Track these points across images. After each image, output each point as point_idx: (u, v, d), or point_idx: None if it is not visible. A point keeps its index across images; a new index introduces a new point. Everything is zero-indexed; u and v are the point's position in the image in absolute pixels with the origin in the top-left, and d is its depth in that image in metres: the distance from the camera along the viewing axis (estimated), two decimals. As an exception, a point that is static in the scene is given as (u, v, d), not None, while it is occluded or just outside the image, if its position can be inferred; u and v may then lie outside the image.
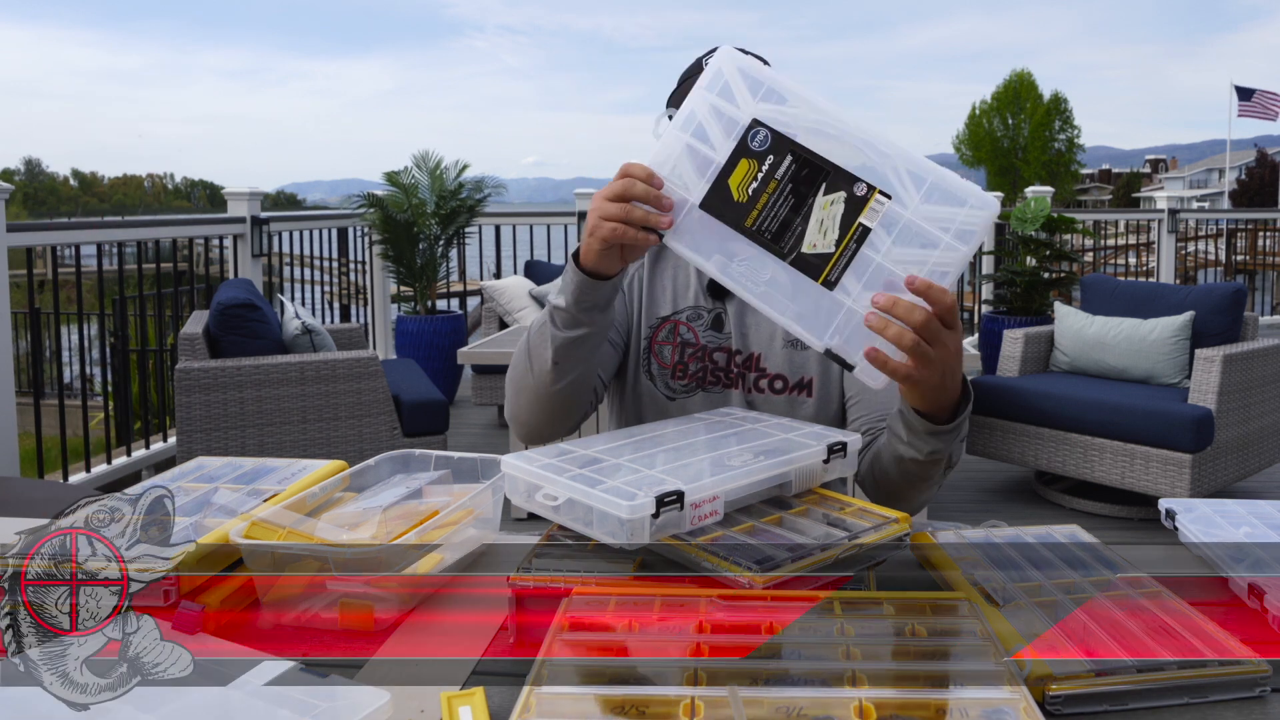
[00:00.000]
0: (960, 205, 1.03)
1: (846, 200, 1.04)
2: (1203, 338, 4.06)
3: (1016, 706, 0.76)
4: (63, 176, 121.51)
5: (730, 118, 1.08)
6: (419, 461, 1.19)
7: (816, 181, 1.05)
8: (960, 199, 1.03)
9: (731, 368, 1.49)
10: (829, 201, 1.05)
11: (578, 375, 1.34)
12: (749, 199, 1.07)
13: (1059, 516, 3.92)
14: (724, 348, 1.49)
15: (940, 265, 1.03)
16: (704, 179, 1.09)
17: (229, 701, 0.78)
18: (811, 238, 1.05)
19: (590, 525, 0.99)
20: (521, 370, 1.36)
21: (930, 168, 1.04)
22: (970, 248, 1.03)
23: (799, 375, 1.47)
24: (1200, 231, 12.40)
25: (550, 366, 1.30)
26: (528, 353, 1.35)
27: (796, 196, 1.06)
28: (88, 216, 55.24)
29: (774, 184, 1.06)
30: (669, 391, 1.49)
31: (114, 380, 4.82)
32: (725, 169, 1.08)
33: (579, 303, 1.25)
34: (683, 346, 1.50)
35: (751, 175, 1.07)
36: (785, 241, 1.06)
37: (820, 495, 1.16)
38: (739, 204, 1.07)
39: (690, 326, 1.51)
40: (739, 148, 1.08)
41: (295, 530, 0.99)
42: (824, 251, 1.05)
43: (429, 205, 6.20)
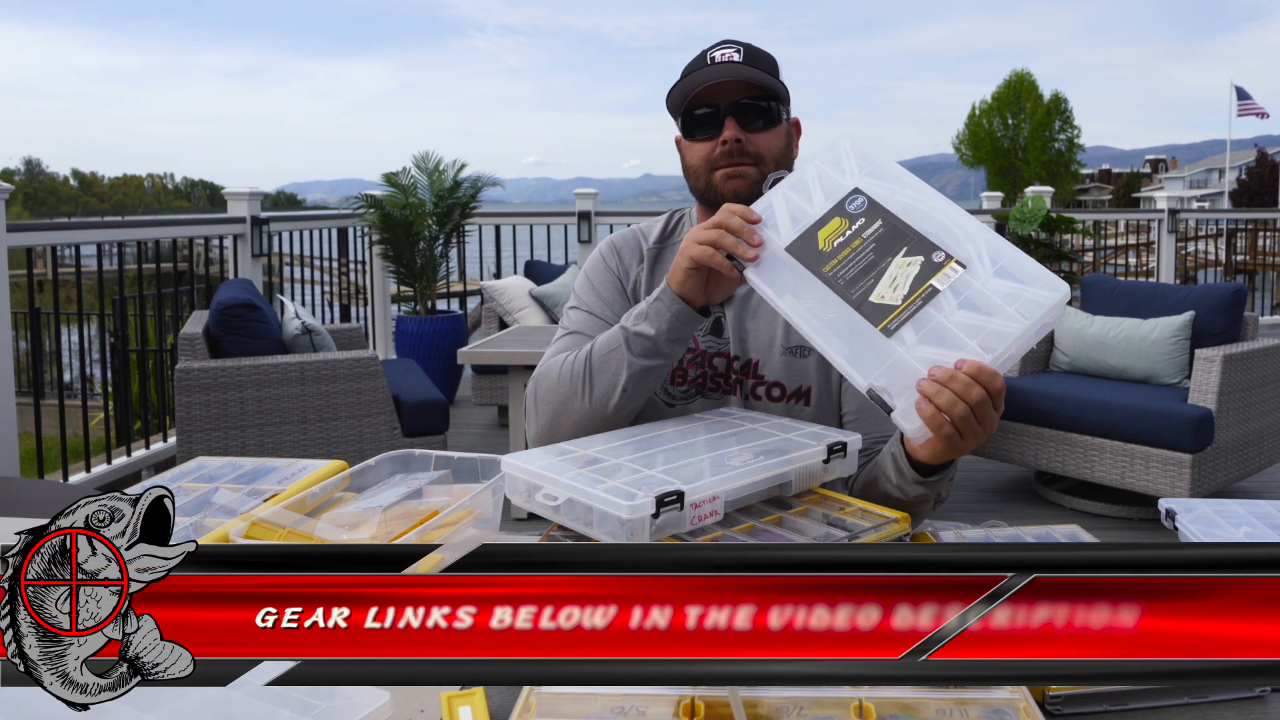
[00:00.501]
0: (1030, 284, 1.06)
1: (923, 264, 1.09)
2: (1203, 338, 4.06)
3: (1016, 706, 0.76)
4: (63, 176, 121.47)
5: (834, 182, 1.18)
6: (419, 461, 1.19)
7: (898, 245, 1.11)
8: (1032, 279, 1.07)
9: (730, 374, 1.47)
10: (906, 263, 1.10)
11: (638, 404, 1.34)
12: (833, 249, 1.13)
13: (1059, 516, 3.92)
14: (723, 353, 1.47)
15: (999, 331, 1.04)
16: (796, 228, 1.16)
17: (229, 701, 0.78)
18: (881, 290, 1.09)
19: (590, 525, 0.99)
20: (566, 393, 1.34)
21: (1007, 249, 1.09)
22: (1033, 323, 1.04)
23: (797, 384, 1.45)
24: (1200, 231, 12.39)
25: (619, 393, 1.30)
26: (585, 376, 1.33)
27: (877, 254, 1.11)
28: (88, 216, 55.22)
29: (859, 240, 1.13)
30: (668, 397, 1.47)
31: (114, 380, 4.82)
32: (818, 223, 1.15)
33: (671, 331, 1.28)
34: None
35: (840, 231, 1.14)
36: (856, 289, 1.10)
37: (820, 495, 1.16)
38: (823, 252, 1.14)
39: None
40: (835, 208, 1.16)
41: (295, 530, 0.99)
42: (890, 304, 1.08)
43: (428, 205, 6.20)
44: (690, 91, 1.42)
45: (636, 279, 1.53)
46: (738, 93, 1.40)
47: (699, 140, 1.44)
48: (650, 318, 1.28)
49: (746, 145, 1.40)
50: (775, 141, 1.42)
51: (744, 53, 1.43)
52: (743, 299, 1.47)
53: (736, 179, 1.41)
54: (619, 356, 1.30)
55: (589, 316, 1.49)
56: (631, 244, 1.56)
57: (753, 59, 1.43)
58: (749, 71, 1.40)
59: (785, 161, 1.44)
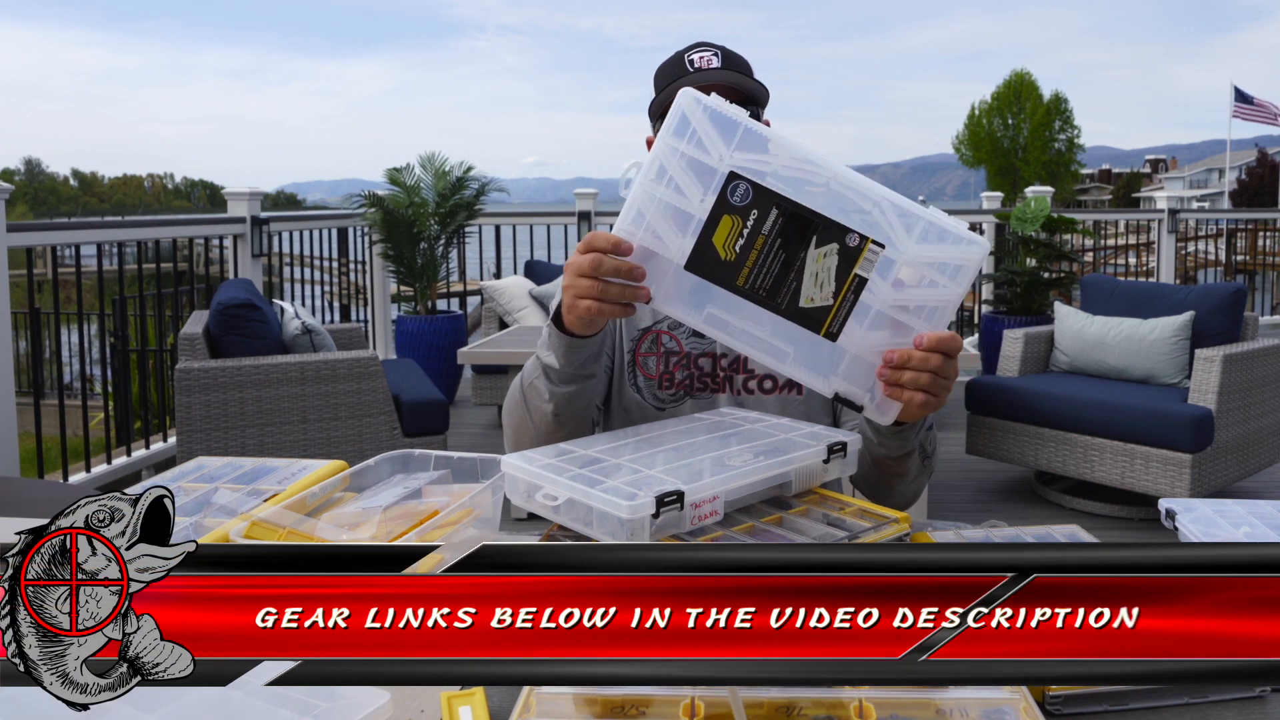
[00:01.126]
0: (953, 244, 1.04)
1: (840, 252, 1.04)
2: (1203, 338, 4.06)
3: (1016, 706, 0.76)
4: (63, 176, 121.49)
5: (706, 168, 1.04)
6: (419, 461, 1.20)
7: (807, 235, 1.03)
8: (952, 238, 1.04)
9: (718, 371, 1.47)
10: (822, 254, 1.04)
11: (581, 419, 1.36)
12: (737, 256, 1.04)
13: (1059, 516, 3.92)
14: (709, 353, 1.48)
15: (939, 304, 1.05)
16: (685, 235, 1.05)
17: (229, 701, 0.78)
18: (808, 291, 1.05)
19: (590, 525, 0.99)
20: (519, 417, 1.37)
21: (918, 211, 1.04)
22: (965, 285, 1.05)
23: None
24: (1200, 231, 12.39)
25: (551, 418, 1.32)
26: (524, 402, 1.35)
27: (787, 251, 1.04)
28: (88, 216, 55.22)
29: (761, 239, 1.04)
30: (657, 402, 1.47)
31: (114, 380, 4.82)
32: (707, 227, 1.05)
33: (570, 361, 1.28)
34: (667, 355, 1.49)
35: (736, 232, 1.04)
36: (781, 298, 1.05)
37: (820, 495, 1.16)
38: (727, 263, 1.05)
39: (673, 335, 1.49)
40: (719, 203, 1.04)
41: (295, 530, 0.99)
42: (822, 305, 1.05)
43: (431, 205, 6.20)
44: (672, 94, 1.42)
45: None
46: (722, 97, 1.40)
47: None
48: (553, 349, 1.28)
49: None
50: None
51: (722, 56, 1.42)
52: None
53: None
54: (541, 384, 1.32)
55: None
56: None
57: (731, 63, 1.42)
58: (733, 76, 1.40)
59: None
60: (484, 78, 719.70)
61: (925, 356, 1.05)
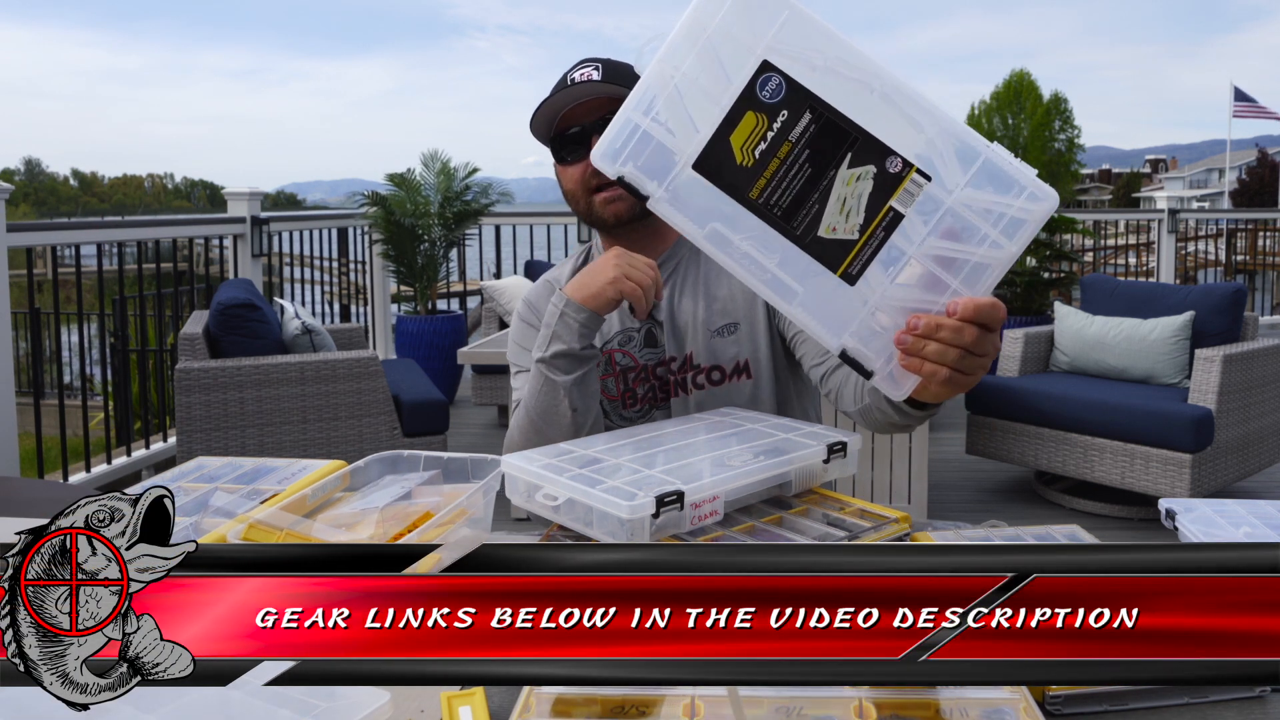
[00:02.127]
0: (1012, 193, 0.87)
1: (876, 177, 0.88)
2: (1203, 338, 4.06)
3: (1016, 706, 0.76)
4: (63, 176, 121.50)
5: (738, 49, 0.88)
6: (408, 462, 1.19)
7: (840, 150, 0.88)
8: (1013, 186, 0.87)
9: (669, 376, 1.46)
10: (854, 176, 0.88)
11: (595, 410, 1.35)
12: (755, 163, 0.89)
13: (1059, 516, 3.92)
14: (663, 360, 1.46)
15: (987, 263, 0.88)
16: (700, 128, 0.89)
17: (229, 701, 0.78)
18: (830, 219, 0.88)
19: (590, 525, 0.99)
20: (534, 440, 1.32)
21: (980, 143, 0.88)
22: (1020, 245, 0.88)
23: (733, 361, 1.44)
24: (1200, 231, 12.39)
25: (571, 415, 1.31)
26: (539, 423, 1.33)
27: (814, 166, 0.88)
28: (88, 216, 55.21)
29: (787, 147, 0.88)
30: (625, 423, 1.46)
31: (114, 380, 4.82)
32: (726, 122, 0.88)
33: (582, 337, 1.30)
34: (624, 374, 1.47)
35: (760, 134, 0.88)
36: (798, 221, 0.89)
37: (820, 495, 1.16)
38: (743, 168, 0.89)
39: (625, 351, 1.48)
40: (744, 96, 0.88)
41: (293, 531, 0.99)
42: (845, 238, 0.88)
43: (434, 204, 6.19)
44: (554, 117, 1.41)
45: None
46: (600, 110, 1.39)
47: (570, 163, 1.43)
48: (561, 336, 1.31)
49: None
50: None
51: (603, 69, 1.41)
52: (667, 303, 1.47)
53: (616, 202, 1.41)
54: (550, 387, 1.31)
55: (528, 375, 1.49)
56: (545, 294, 1.53)
57: (613, 74, 1.40)
58: (608, 89, 1.38)
59: None
60: (484, 78, 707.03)
61: (959, 327, 0.87)
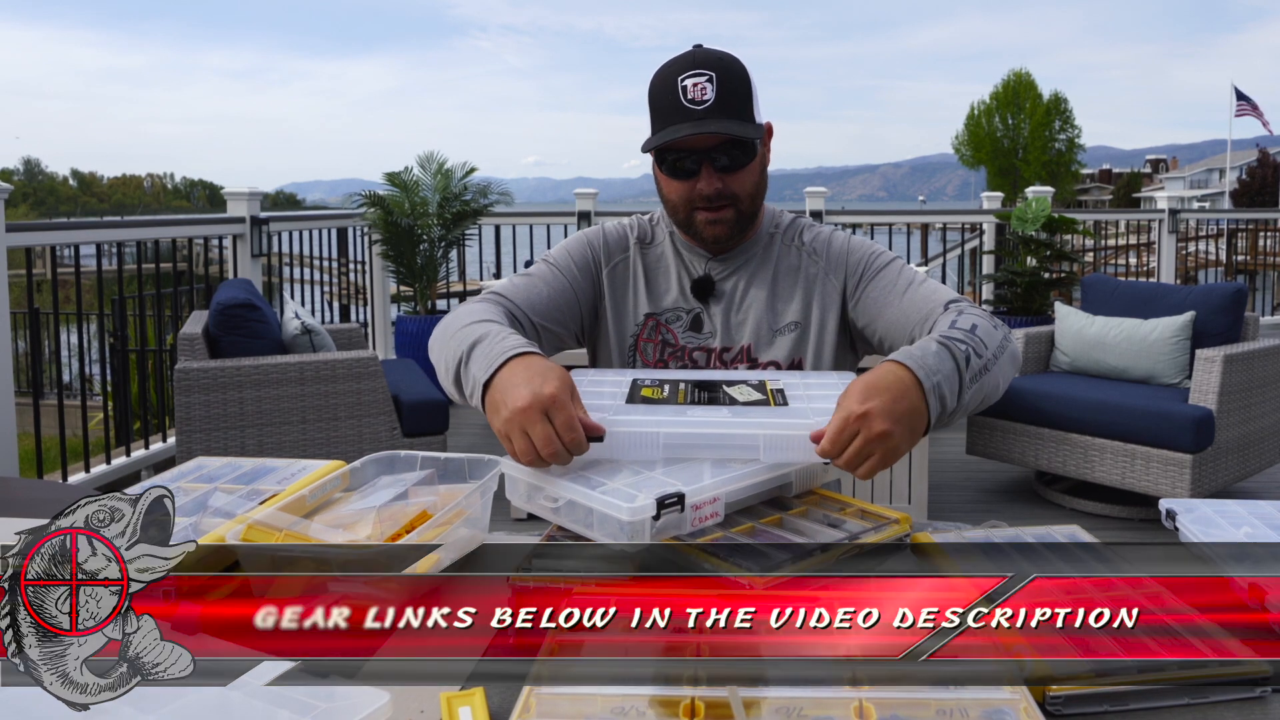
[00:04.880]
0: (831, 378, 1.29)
1: (753, 385, 1.23)
2: (1203, 338, 4.06)
3: (1016, 707, 0.76)
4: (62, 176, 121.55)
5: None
6: (404, 462, 1.19)
7: (715, 380, 1.25)
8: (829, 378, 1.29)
9: (713, 365, 1.49)
10: (738, 382, 1.24)
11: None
12: (665, 396, 1.19)
13: (1059, 517, 3.92)
14: (704, 347, 1.49)
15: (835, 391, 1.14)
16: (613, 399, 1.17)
17: (229, 701, 0.78)
18: (736, 395, 1.19)
19: (591, 527, 0.99)
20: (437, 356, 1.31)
21: (783, 376, 1.32)
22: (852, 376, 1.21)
23: (789, 359, 1.49)
24: (1201, 231, 12.39)
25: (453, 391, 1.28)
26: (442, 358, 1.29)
27: (709, 386, 1.22)
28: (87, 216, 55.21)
29: (682, 384, 1.23)
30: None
31: (113, 380, 4.82)
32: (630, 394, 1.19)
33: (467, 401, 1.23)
34: (663, 346, 1.51)
35: (657, 388, 1.22)
36: (718, 398, 1.18)
37: (820, 496, 1.16)
38: (660, 399, 1.18)
39: (669, 327, 1.51)
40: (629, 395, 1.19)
41: (292, 532, 0.99)
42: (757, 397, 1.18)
43: (431, 205, 6.19)
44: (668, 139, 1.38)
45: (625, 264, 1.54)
46: (716, 140, 1.38)
47: (676, 179, 1.43)
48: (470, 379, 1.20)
49: (724, 190, 1.41)
50: (751, 177, 1.44)
51: (716, 83, 1.37)
52: (729, 295, 1.50)
53: (717, 225, 1.43)
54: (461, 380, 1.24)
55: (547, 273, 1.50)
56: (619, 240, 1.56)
57: (727, 94, 1.37)
58: (727, 125, 1.36)
59: (760, 186, 1.46)
60: (486, 78, 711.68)
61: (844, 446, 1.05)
